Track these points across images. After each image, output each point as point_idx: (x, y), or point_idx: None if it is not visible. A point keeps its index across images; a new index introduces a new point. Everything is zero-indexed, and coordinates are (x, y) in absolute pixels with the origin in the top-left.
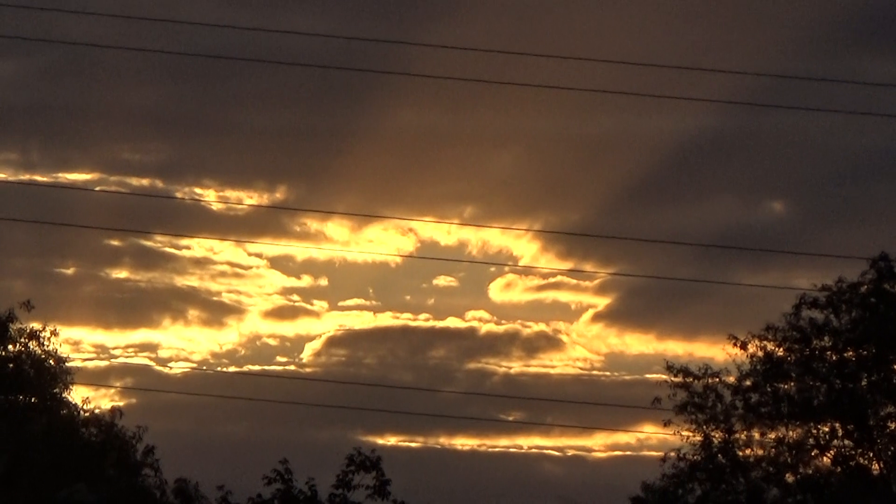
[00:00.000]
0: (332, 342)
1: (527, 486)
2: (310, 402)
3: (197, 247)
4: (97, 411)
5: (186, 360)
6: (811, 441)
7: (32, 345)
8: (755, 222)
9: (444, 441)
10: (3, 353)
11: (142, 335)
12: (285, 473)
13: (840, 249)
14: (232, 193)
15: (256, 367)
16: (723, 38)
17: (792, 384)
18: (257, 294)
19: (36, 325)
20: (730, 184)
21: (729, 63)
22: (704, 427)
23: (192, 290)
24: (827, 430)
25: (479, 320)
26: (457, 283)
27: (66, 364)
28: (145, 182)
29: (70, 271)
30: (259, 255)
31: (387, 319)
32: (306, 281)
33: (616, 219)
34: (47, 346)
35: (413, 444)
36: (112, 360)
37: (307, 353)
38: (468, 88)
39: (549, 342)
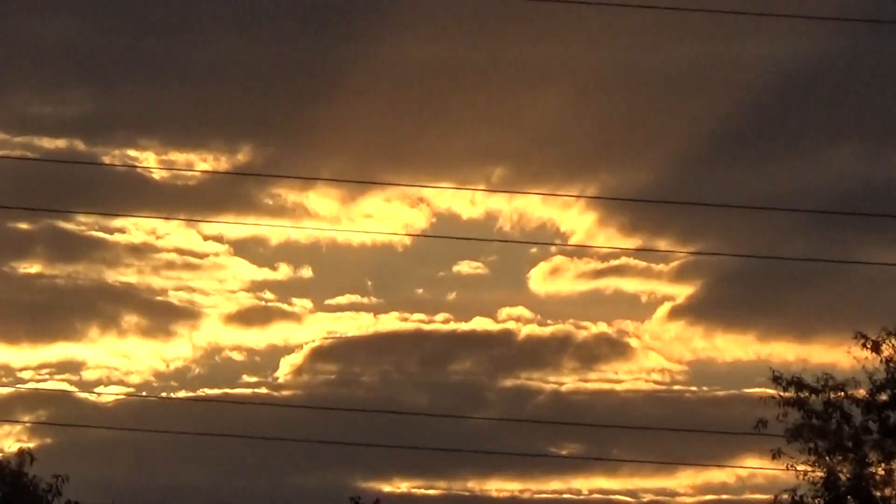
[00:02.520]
0: (319, 355)
1: None
2: (290, 438)
3: (134, 229)
4: None
5: (121, 382)
6: None
7: None
8: (887, 180)
9: (473, 486)
10: None
11: (59, 351)
12: None
13: None
14: (179, 156)
15: (217, 391)
16: None
17: None
18: (216, 291)
19: None
20: (852, 130)
21: None
22: (828, 458)
23: (129, 289)
24: None
25: (516, 320)
26: (485, 270)
27: None
28: (61, 144)
29: None
30: (218, 239)
31: (392, 322)
32: (283, 272)
33: (698, 180)
34: None
35: (431, 492)
36: (18, 385)
37: (284, 371)
38: (496, 10)
39: (613, 348)
